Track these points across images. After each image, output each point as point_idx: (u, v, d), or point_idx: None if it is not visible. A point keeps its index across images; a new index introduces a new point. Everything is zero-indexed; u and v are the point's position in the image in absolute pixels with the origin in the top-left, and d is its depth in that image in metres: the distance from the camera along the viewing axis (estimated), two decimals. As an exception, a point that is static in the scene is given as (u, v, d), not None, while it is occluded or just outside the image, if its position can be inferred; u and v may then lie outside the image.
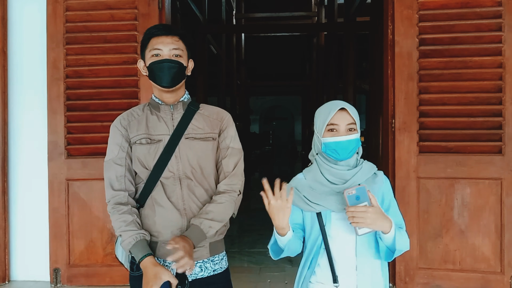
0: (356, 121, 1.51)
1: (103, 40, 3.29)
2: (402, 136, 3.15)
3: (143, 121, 1.64)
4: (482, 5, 3.07)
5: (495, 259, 3.07)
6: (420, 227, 3.14)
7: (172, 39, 1.60)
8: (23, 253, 3.49)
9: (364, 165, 1.54)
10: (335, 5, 10.37)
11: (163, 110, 1.64)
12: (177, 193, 1.59)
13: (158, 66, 1.58)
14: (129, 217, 1.56)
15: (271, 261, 4.17)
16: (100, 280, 3.33)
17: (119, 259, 1.72)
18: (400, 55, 3.15)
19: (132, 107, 1.73)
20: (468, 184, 3.10)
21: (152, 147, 1.60)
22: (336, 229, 1.53)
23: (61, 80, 3.33)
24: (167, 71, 1.58)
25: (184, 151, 1.60)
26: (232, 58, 13.75)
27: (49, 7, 3.33)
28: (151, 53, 1.60)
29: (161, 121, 1.63)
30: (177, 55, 1.61)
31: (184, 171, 1.60)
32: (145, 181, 1.61)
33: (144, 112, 1.67)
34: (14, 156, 3.50)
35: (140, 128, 1.62)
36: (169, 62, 1.58)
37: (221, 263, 1.70)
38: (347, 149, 1.48)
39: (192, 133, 1.62)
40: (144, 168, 1.61)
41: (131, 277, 1.67)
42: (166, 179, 1.59)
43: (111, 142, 1.65)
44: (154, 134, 1.61)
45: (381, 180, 1.54)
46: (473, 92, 3.08)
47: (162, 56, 1.59)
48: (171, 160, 1.59)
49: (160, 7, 3.29)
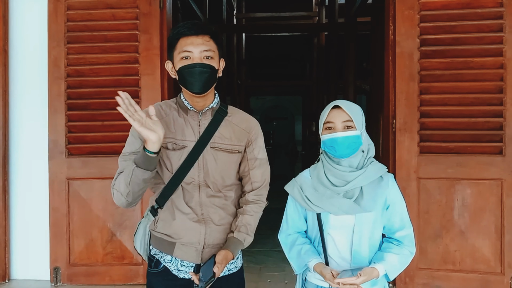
0: (354, 118, 1.50)
1: (104, 39, 3.28)
2: (403, 137, 3.15)
3: (170, 123, 1.57)
4: (484, 6, 3.07)
5: (495, 260, 3.07)
6: (421, 228, 3.14)
7: (202, 39, 1.50)
8: (23, 252, 3.49)
9: (369, 167, 1.53)
10: (335, 5, 10.37)
11: (191, 115, 1.58)
12: (196, 199, 1.57)
13: (189, 71, 1.49)
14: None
15: (271, 261, 4.18)
16: (100, 279, 3.33)
17: (138, 250, 1.70)
18: (401, 55, 3.14)
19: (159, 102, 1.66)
20: (469, 185, 3.10)
21: (176, 153, 1.55)
22: (333, 231, 1.55)
23: (62, 79, 3.32)
24: (198, 77, 1.49)
25: (207, 160, 1.56)
26: (233, 58, 13.74)
27: (50, 6, 3.33)
28: (180, 55, 1.51)
29: (188, 126, 1.57)
30: (208, 57, 1.51)
31: (205, 180, 1.57)
32: (166, 184, 1.57)
33: (172, 112, 1.60)
34: (14, 154, 3.49)
35: (167, 132, 1.53)
36: (200, 66, 1.49)
37: (237, 262, 1.70)
38: (342, 145, 1.49)
39: (218, 142, 1.57)
40: (166, 170, 1.57)
41: (149, 274, 1.67)
42: (187, 184, 1.57)
43: (132, 135, 1.58)
44: (180, 139, 1.56)
45: (385, 184, 1.53)
46: (474, 93, 3.08)
47: (192, 59, 1.50)
48: (193, 167, 1.55)
49: (161, 6, 3.29)
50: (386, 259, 1.50)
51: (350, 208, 1.49)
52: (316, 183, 1.56)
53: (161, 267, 1.61)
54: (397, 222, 1.55)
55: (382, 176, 1.55)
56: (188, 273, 1.57)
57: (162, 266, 1.61)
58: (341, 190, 1.51)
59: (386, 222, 1.55)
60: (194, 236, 1.57)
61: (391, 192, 1.55)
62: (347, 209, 1.50)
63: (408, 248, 1.55)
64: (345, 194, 1.51)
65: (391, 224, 1.55)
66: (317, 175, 1.57)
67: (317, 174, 1.57)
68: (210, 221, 1.58)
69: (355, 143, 1.51)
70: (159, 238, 1.61)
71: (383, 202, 1.54)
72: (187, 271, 1.58)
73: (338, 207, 1.50)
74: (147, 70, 3.23)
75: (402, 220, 1.55)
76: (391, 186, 1.55)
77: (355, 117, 1.50)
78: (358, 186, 1.50)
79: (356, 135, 1.50)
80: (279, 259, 4.19)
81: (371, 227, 1.52)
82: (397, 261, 1.51)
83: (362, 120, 1.54)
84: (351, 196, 1.51)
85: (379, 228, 1.55)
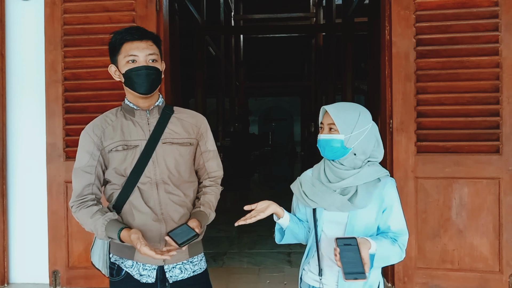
0: (337, 122, 1.52)
1: (101, 42, 3.29)
2: (400, 136, 3.16)
3: (118, 127, 1.62)
4: (479, 5, 3.08)
5: (493, 259, 3.07)
6: (419, 227, 3.15)
7: (146, 43, 1.58)
8: (22, 256, 3.49)
9: (365, 168, 1.55)
10: (333, 6, 10.40)
11: (138, 115, 1.63)
12: (154, 198, 1.60)
13: (136, 74, 1.56)
14: (95, 208, 1.57)
15: (270, 262, 4.18)
16: (99, 282, 3.33)
17: (96, 266, 1.72)
18: (397, 55, 3.15)
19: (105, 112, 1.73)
20: (466, 184, 3.11)
21: (129, 153, 1.59)
22: (326, 228, 1.59)
23: (59, 82, 3.33)
24: (145, 78, 1.57)
25: (161, 156, 1.61)
26: (231, 59, 13.76)
27: (47, 10, 3.34)
28: (126, 59, 1.58)
29: (137, 126, 1.62)
30: (153, 60, 1.59)
31: (162, 176, 1.61)
32: (122, 188, 1.60)
33: (118, 118, 1.65)
34: (12, 158, 3.50)
35: (115, 135, 1.60)
36: (147, 69, 1.56)
37: (200, 264, 1.72)
38: (324, 147, 1.55)
39: (169, 138, 1.63)
40: (120, 176, 1.60)
41: (112, 283, 1.66)
42: (143, 184, 1.59)
43: (81, 149, 1.64)
44: (130, 140, 1.60)
45: (382, 186, 1.54)
46: (470, 92, 3.09)
47: (138, 62, 1.57)
48: (148, 165, 1.59)
49: (157, 9, 3.30)
50: (379, 240, 1.50)
51: (342, 204, 1.52)
52: (315, 179, 1.61)
53: (123, 273, 1.61)
54: (394, 225, 1.55)
55: (380, 178, 1.56)
56: (151, 277, 1.59)
57: (124, 272, 1.61)
58: (336, 187, 1.54)
59: (382, 225, 1.56)
60: (155, 236, 1.58)
61: (388, 195, 1.55)
62: (339, 206, 1.52)
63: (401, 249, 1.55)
64: (341, 192, 1.54)
65: (387, 227, 1.56)
66: (317, 172, 1.63)
67: (317, 171, 1.63)
68: (170, 219, 1.60)
69: (336, 147, 1.53)
70: (118, 244, 1.59)
71: (378, 203, 1.54)
72: (150, 275, 1.59)
73: (331, 203, 1.53)
74: (144, 72, 3.23)
75: (398, 224, 1.56)
76: (388, 189, 1.55)
77: (338, 121, 1.52)
78: (353, 185, 1.52)
79: (336, 139, 1.53)
80: (278, 260, 4.20)
81: (364, 227, 1.54)
82: (388, 249, 1.50)
83: (351, 124, 1.54)
84: (346, 194, 1.53)
85: (373, 229, 1.55)
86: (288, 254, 4.36)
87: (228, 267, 4.05)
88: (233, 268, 4.02)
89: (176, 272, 1.62)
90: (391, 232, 1.55)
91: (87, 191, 1.60)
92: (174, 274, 1.62)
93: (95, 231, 1.55)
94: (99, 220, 1.53)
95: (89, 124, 1.67)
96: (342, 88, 8.61)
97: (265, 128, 25.17)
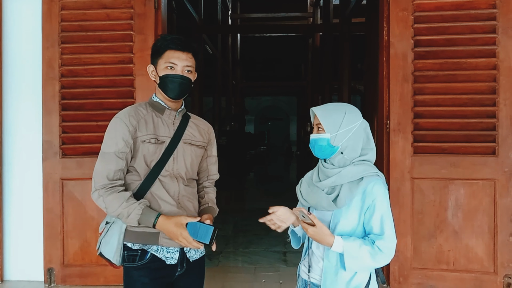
0: (323, 122, 1.58)
1: (99, 40, 3.28)
2: (397, 137, 3.17)
3: (149, 121, 1.77)
4: (477, 7, 3.09)
5: (488, 260, 3.09)
6: (414, 228, 3.16)
7: (187, 55, 1.76)
8: (17, 253, 3.48)
9: (348, 167, 1.56)
10: (330, 6, 10.40)
11: (168, 114, 1.80)
12: (175, 189, 1.77)
13: (171, 80, 1.74)
14: (127, 193, 1.68)
15: (266, 261, 4.18)
16: (94, 280, 3.33)
17: (106, 256, 1.75)
18: (395, 56, 3.16)
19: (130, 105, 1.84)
20: (462, 185, 3.12)
21: (158, 147, 1.74)
22: None
23: (56, 79, 3.31)
24: (178, 86, 1.75)
25: (181, 154, 1.79)
26: (228, 58, 13.74)
27: (44, 6, 3.32)
28: (165, 64, 1.75)
29: (164, 124, 1.79)
30: (189, 71, 1.77)
31: (179, 171, 1.78)
32: (143, 179, 1.74)
33: (149, 112, 1.79)
34: (8, 155, 3.48)
35: (149, 128, 1.74)
36: (181, 78, 1.74)
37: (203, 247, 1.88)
38: (314, 146, 1.60)
39: (188, 139, 1.82)
40: (146, 166, 1.74)
41: (129, 269, 1.73)
42: (164, 177, 1.75)
43: (116, 134, 1.72)
44: (159, 135, 1.76)
45: (364, 185, 1.54)
46: (467, 94, 3.10)
47: (176, 70, 1.74)
48: (169, 160, 1.75)
49: (156, 7, 3.29)
50: (350, 239, 1.51)
51: (328, 204, 1.56)
52: (310, 180, 1.67)
53: (148, 256, 1.72)
54: (376, 227, 1.53)
55: (364, 177, 1.55)
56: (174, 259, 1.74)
57: (148, 255, 1.72)
58: (323, 186, 1.59)
59: (366, 225, 1.56)
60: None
61: (371, 194, 1.53)
62: (326, 205, 1.57)
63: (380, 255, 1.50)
64: (330, 191, 1.58)
65: (370, 228, 1.54)
66: (313, 173, 1.68)
67: (313, 172, 1.68)
68: (187, 209, 1.79)
69: (323, 145, 1.58)
70: (140, 232, 1.71)
71: (361, 203, 1.55)
72: (173, 257, 1.74)
73: (318, 202, 1.59)
74: (141, 70, 3.23)
75: (381, 226, 1.53)
76: (372, 188, 1.54)
77: (323, 121, 1.58)
78: (337, 184, 1.56)
79: (323, 138, 1.58)
80: (273, 259, 4.20)
81: (348, 226, 1.55)
82: (359, 249, 1.49)
83: (337, 123, 1.56)
84: (332, 193, 1.57)
85: (357, 229, 1.55)
86: (283, 253, 4.37)
87: (223, 266, 4.05)
88: (229, 267, 4.02)
89: (192, 252, 1.81)
90: (373, 234, 1.53)
91: (118, 176, 1.71)
92: (191, 254, 1.81)
93: (125, 216, 1.65)
94: (133, 205, 1.65)
95: (123, 113, 1.77)
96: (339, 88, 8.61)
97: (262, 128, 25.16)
